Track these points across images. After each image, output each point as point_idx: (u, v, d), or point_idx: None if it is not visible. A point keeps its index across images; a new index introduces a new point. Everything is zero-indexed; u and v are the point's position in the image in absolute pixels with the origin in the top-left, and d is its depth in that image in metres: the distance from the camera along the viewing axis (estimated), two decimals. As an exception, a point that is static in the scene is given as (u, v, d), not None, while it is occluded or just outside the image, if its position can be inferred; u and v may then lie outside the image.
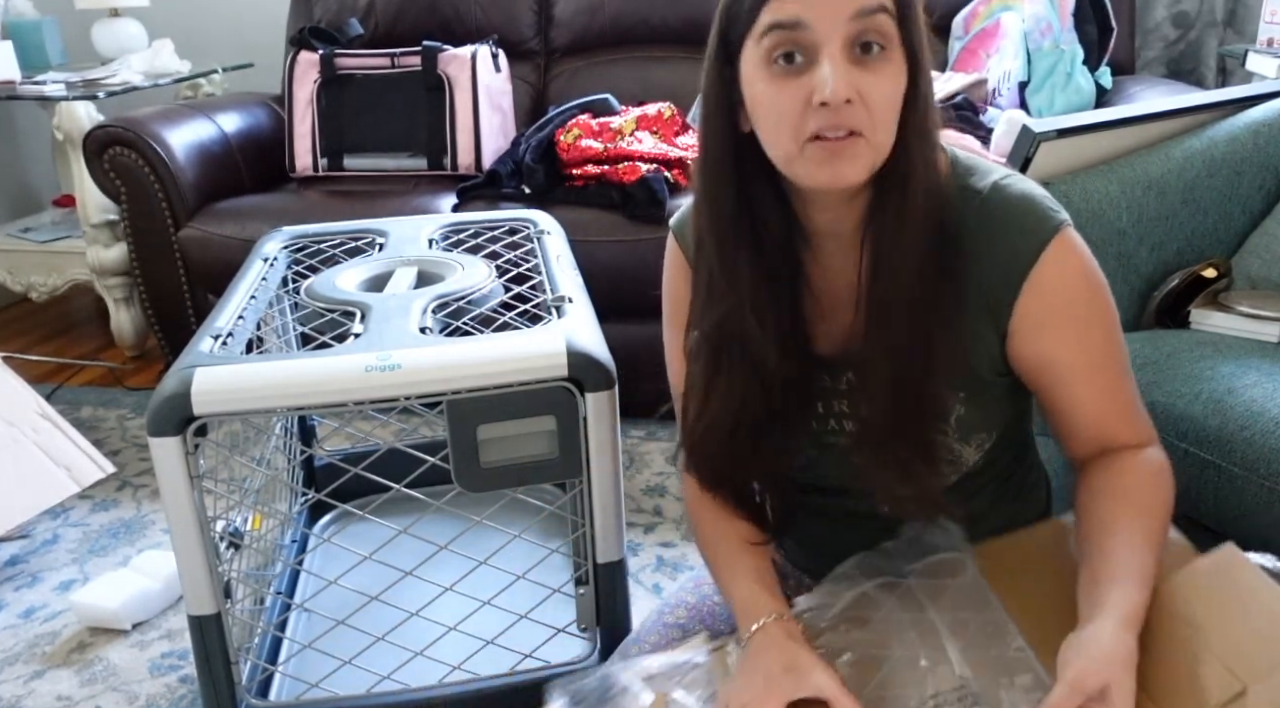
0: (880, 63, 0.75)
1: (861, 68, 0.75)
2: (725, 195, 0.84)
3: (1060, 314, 0.83)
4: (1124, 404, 0.87)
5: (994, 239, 0.82)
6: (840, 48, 0.74)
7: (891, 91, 0.76)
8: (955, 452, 0.88)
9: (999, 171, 0.85)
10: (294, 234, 1.59)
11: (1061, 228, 0.82)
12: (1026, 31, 2.17)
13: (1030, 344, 0.84)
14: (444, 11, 2.68)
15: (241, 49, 3.12)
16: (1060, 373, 0.85)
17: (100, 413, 2.41)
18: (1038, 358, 0.85)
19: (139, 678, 1.52)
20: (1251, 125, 1.42)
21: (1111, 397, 0.86)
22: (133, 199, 2.34)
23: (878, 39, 0.74)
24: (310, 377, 1.05)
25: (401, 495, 1.17)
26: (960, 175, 0.85)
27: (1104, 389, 0.86)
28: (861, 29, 0.74)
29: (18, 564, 1.83)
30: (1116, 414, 0.86)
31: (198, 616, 1.12)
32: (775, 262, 0.85)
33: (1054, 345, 0.84)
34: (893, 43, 0.75)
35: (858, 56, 0.75)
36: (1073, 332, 0.84)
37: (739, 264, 0.85)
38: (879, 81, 0.75)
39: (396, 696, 1.18)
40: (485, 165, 2.41)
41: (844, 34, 0.74)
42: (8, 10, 3.01)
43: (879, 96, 0.75)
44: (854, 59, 0.74)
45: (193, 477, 1.06)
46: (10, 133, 3.31)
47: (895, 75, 0.76)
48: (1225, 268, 1.39)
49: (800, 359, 0.87)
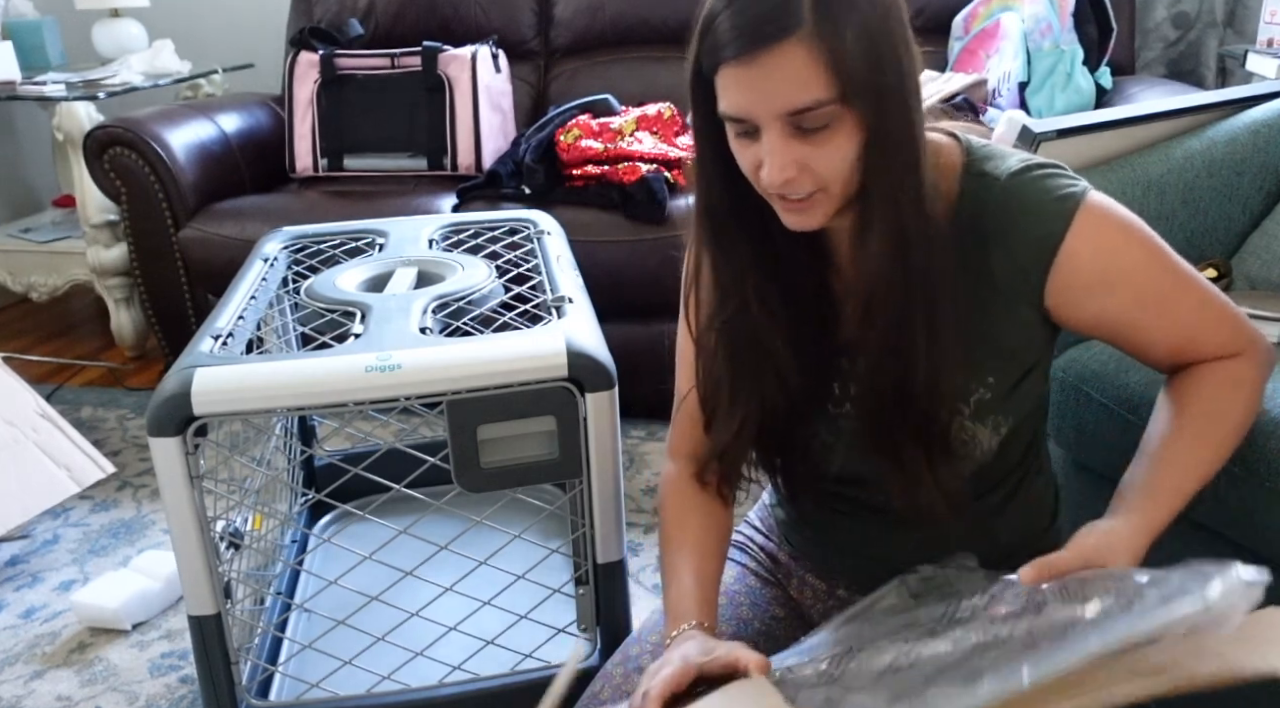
0: (823, 136, 0.76)
1: (806, 141, 0.76)
2: (723, 192, 0.85)
3: (1104, 280, 0.84)
4: (1196, 327, 0.87)
5: (1018, 221, 0.83)
6: (778, 132, 0.76)
7: (836, 158, 0.77)
8: (969, 432, 0.88)
9: (1017, 155, 0.86)
10: (294, 234, 1.59)
11: (1084, 198, 0.83)
12: (1026, 32, 2.17)
13: (1079, 311, 0.85)
14: (444, 12, 2.68)
15: (242, 49, 3.12)
16: (1120, 325, 0.87)
17: (100, 413, 2.41)
18: (1094, 319, 0.86)
19: (139, 678, 1.52)
20: (1251, 126, 1.42)
21: (1182, 326, 0.87)
22: (133, 199, 2.34)
23: (815, 121, 0.75)
24: (310, 377, 1.05)
25: (401, 496, 1.17)
26: (977, 162, 0.86)
27: (1173, 323, 0.87)
28: (797, 119, 0.75)
29: (18, 564, 1.83)
30: (1189, 340, 0.88)
31: (198, 616, 1.12)
32: (782, 249, 0.86)
33: (1107, 305, 0.85)
34: (835, 117, 0.75)
35: (800, 132, 0.76)
36: (1124, 289, 0.84)
37: (741, 260, 0.86)
38: (822, 152, 0.77)
39: (397, 696, 1.18)
40: (485, 166, 2.41)
41: (780, 123, 0.76)
42: (8, 10, 3.01)
43: (823, 166, 0.77)
44: (797, 134, 0.76)
45: (193, 477, 1.06)
46: (10, 133, 3.31)
47: (841, 142, 0.76)
48: (1225, 268, 1.39)
49: (815, 345, 0.88)
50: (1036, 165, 0.85)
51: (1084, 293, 0.84)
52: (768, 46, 0.73)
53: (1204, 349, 0.88)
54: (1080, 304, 0.85)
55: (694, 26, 0.79)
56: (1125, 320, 0.86)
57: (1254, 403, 0.88)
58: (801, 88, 0.74)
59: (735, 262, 0.87)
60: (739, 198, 0.85)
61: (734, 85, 0.76)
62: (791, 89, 0.74)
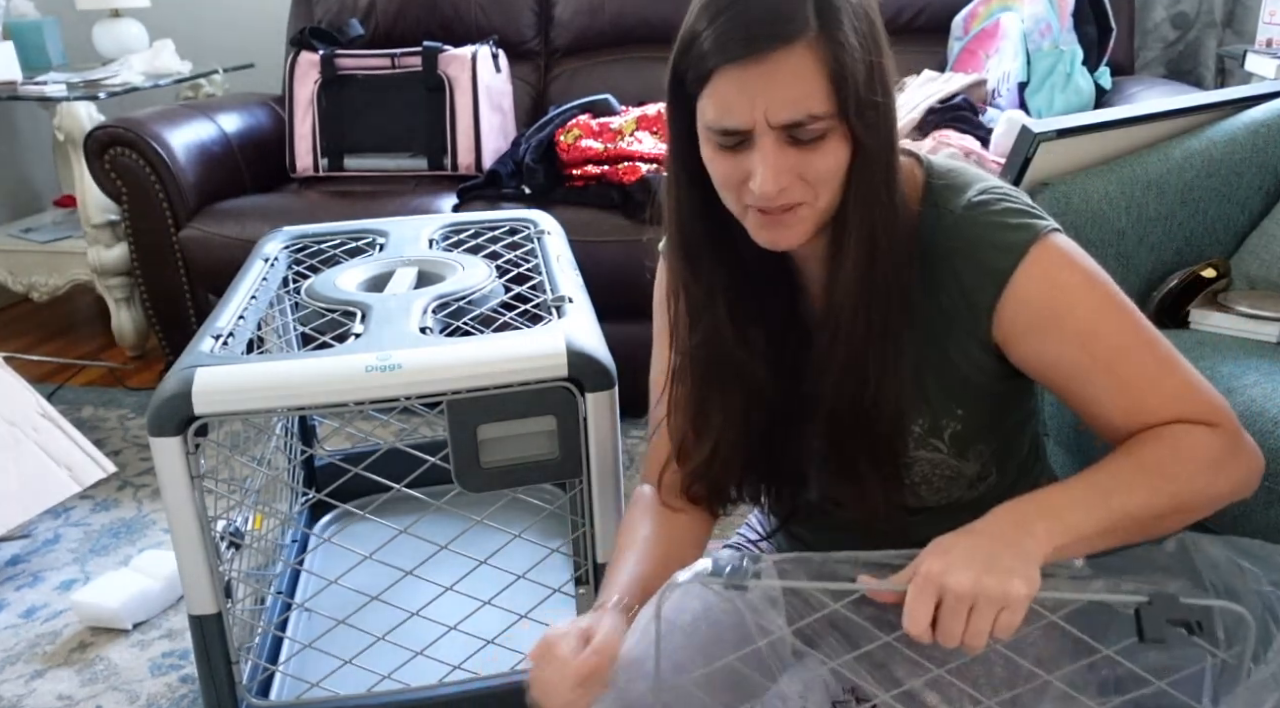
0: (817, 144, 0.76)
1: (797, 148, 0.76)
2: (695, 214, 0.85)
3: (1051, 319, 0.81)
4: (1152, 391, 0.80)
5: (969, 255, 0.81)
6: (773, 141, 0.75)
7: (830, 166, 0.77)
8: (954, 468, 0.88)
9: (979, 185, 0.83)
10: (294, 234, 1.59)
11: (1040, 236, 0.80)
12: (1026, 32, 2.17)
13: (1026, 350, 0.82)
14: (444, 12, 2.68)
15: (242, 49, 3.12)
16: (1067, 374, 0.82)
17: (101, 413, 2.41)
18: (1039, 362, 0.83)
19: (140, 678, 1.53)
20: (1250, 126, 1.43)
21: (1135, 387, 0.81)
22: (133, 199, 2.34)
23: (811, 133, 0.75)
24: (311, 377, 1.05)
25: (402, 495, 1.18)
26: (934, 193, 0.84)
27: (1124, 381, 0.81)
28: (794, 131, 0.75)
29: (19, 564, 1.83)
30: (1141, 403, 0.80)
31: (198, 615, 1.12)
32: (756, 271, 0.86)
33: (1053, 349, 0.81)
34: (830, 129, 0.75)
35: (793, 141, 0.76)
36: (1072, 333, 0.80)
37: (715, 282, 0.86)
38: (815, 159, 0.76)
39: (397, 695, 1.18)
40: (485, 166, 2.41)
41: (777, 132, 0.75)
42: (9, 11, 3.01)
43: (816, 173, 0.77)
44: (790, 142, 0.76)
45: (193, 476, 1.06)
46: (11, 133, 3.31)
47: (833, 152, 0.76)
48: (1224, 268, 1.39)
49: (788, 368, 0.88)
50: (997, 198, 0.82)
51: (1030, 332, 0.81)
52: (774, 48, 0.72)
53: (1161, 417, 0.80)
54: (1026, 343, 0.82)
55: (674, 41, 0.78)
56: (1072, 369, 0.81)
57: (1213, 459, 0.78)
58: (805, 97, 0.73)
59: (707, 284, 0.86)
60: (712, 220, 0.84)
61: (732, 91, 0.74)
62: (795, 97, 0.73)
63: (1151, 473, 0.77)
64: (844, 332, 0.81)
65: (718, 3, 0.75)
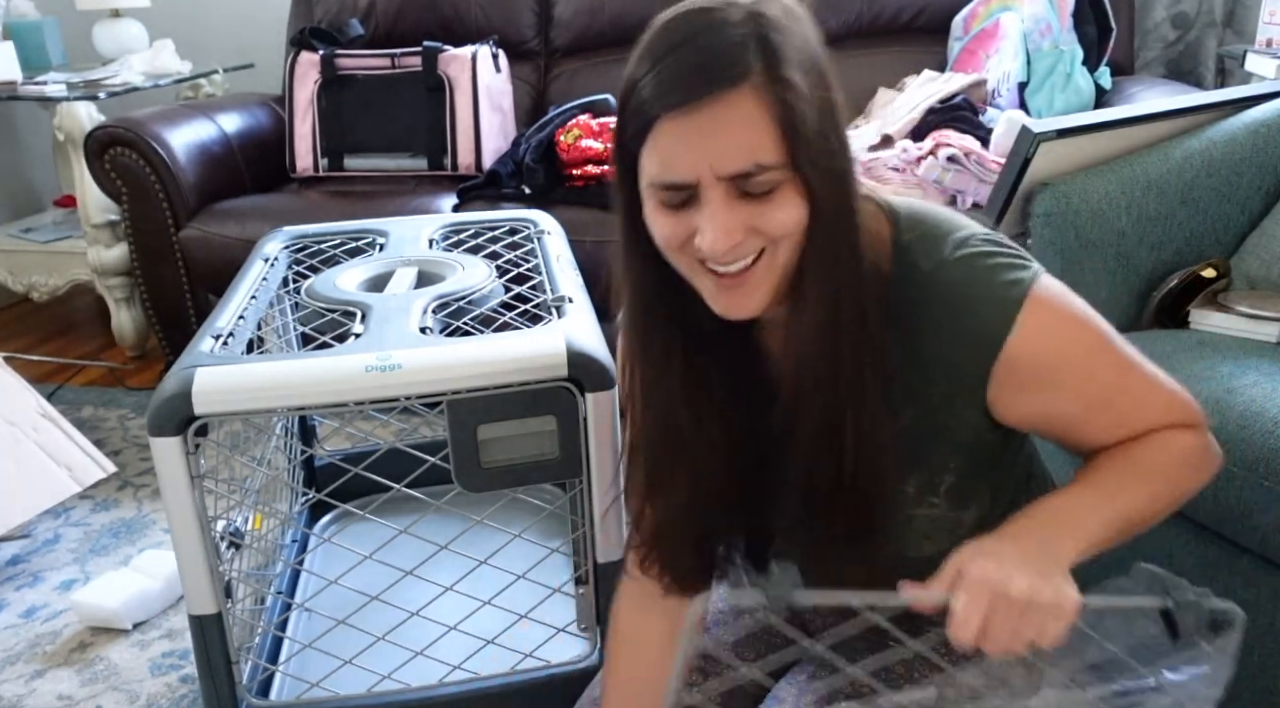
0: (769, 196, 0.70)
1: (748, 201, 0.70)
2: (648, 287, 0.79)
3: (1049, 376, 0.78)
4: (1140, 417, 0.81)
5: (955, 317, 0.76)
6: (722, 195, 0.70)
7: (786, 219, 0.70)
8: (953, 520, 0.84)
9: (955, 234, 0.78)
10: (294, 234, 1.59)
11: (1029, 290, 0.75)
12: (1026, 32, 2.17)
13: (1020, 407, 0.79)
14: (444, 12, 2.68)
15: (242, 49, 3.12)
16: (1064, 422, 0.81)
17: (101, 413, 2.41)
18: (1034, 416, 0.80)
19: (140, 678, 1.53)
20: (1250, 126, 1.43)
21: (1126, 419, 0.81)
22: (134, 199, 2.34)
23: (761, 186, 0.69)
24: (311, 377, 1.05)
25: (402, 495, 1.18)
26: (906, 250, 0.78)
27: (1117, 417, 0.80)
28: (743, 183, 0.69)
29: (19, 564, 1.83)
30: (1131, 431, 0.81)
31: (198, 615, 1.12)
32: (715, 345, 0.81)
33: (1049, 402, 0.79)
34: (781, 182, 0.69)
35: (743, 194, 0.70)
36: (1069, 386, 0.79)
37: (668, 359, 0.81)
38: (769, 211, 0.70)
39: (397, 695, 1.18)
40: (485, 166, 2.41)
41: (725, 185, 0.70)
42: (9, 11, 3.01)
43: (771, 227, 0.71)
44: (740, 195, 0.70)
45: (193, 476, 1.06)
46: (11, 133, 3.31)
47: (789, 204, 0.70)
48: (1224, 268, 1.39)
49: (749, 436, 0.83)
50: (977, 252, 0.76)
51: (1024, 390, 0.78)
52: (715, 94, 0.67)
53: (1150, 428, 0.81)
54: (1020, 402, 0.79)
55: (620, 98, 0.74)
56: (1068, 418, 0.80)
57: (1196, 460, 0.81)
58: (751, 146, 0.68)
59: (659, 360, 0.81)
60: (666, 291, 0.78)
61: (674, 142, 0.69)
62: (741, 146, 0.68)
63: (1153, 478, 0.78)
64: (810, 402, 0.76)
65: (656, 49, 0.71)
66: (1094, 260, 1.37)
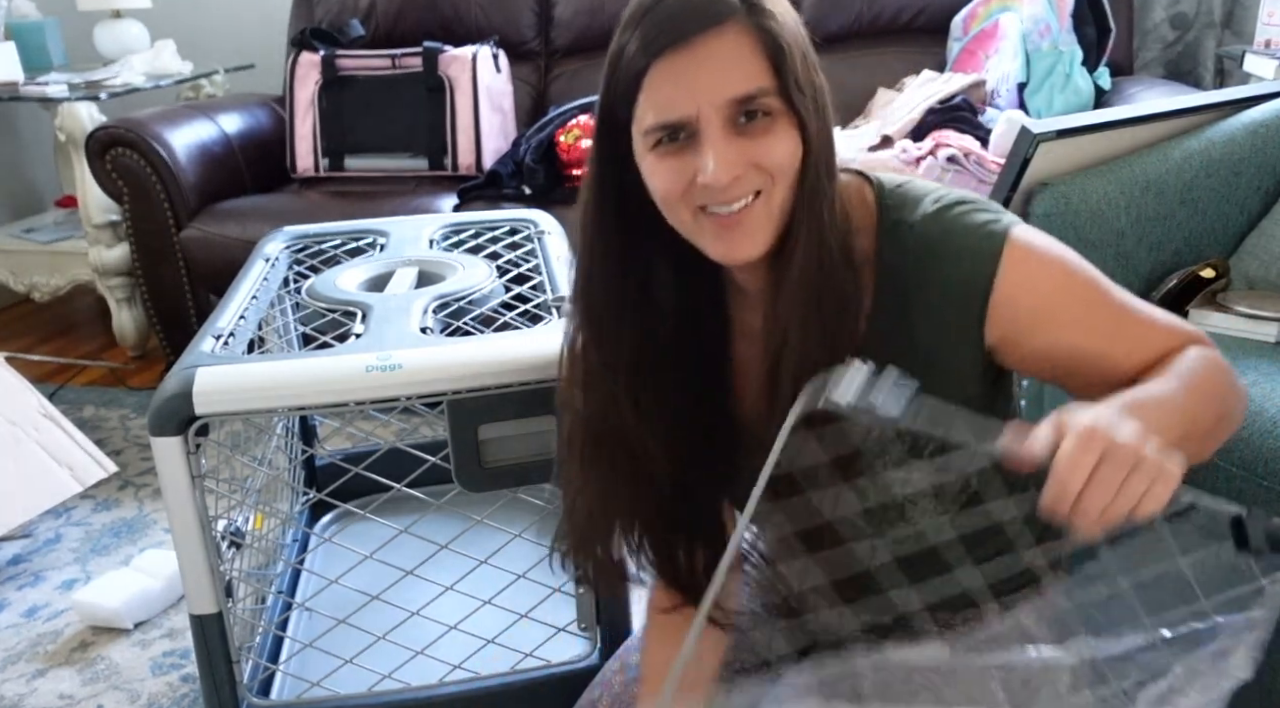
0: (766, 126, 0.73)
1: (747, 136, 0.73)
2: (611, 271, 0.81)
3: (1046, 311, 0.78)
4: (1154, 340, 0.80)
5: (940, 266, 0.78)
6: (721, 127, 0.72)
7: (784, 151, 0.74)
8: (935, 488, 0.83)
9: (930, 196, 0.80)
10: (295, 234, 1.59)
11: (1008, 233, 0.77)
12: (1025, 33, 2.17)
13: (1031, 347, 0.79)
14: (444, 12, 2.69)
15: (243, 50, 3.12)
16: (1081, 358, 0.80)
17: (102, 413, 2.41)
18: (1046, 357, 0.80)
19: (141, 677, 1.53)
20: (1249, 126, 1.43)
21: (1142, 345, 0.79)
22: (135, 200, 2.35)
23: (760, 108, 0.73)
24: (311, 377, 1.06)
25: (402, 495, 1.18)
26: (889, 213, 0.80)
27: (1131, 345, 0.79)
28: (739, 109, 0.73)
29: (20, 563, 1.84)
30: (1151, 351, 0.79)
31: (199, 615, 1.12)
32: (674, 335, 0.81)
33: (1058, 339, 0.79)
34: (777, 110, 0.73)
35: (742, 126, 0.73)
36: (1070, 318, 0.78)
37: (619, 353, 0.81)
38: (768, 143, 0.73)
39: (397, 694, 1.18)
40: (486, 166, 2.42)
41: (723, 116, 0.72)
42: (10, 11, 3.01)
43: (770, 159, 0.73)
44: (738, 130, 0.73)
45: (194, 476, 1.07)
46: (12, 134, 3.32)
47: (785, 136, 0.74)
48: (1223, 268, 1.40)
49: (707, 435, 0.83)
50: (952, 203, 0.79)
51: (1029, 333, 0.78)
52: (705, 30, 0.71)
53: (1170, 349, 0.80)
54: (1026, 343, 0.79)
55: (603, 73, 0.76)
56: (1080, 352, 0.80)
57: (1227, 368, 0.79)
58: (745, 72, 0.72)
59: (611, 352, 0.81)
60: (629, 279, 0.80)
61: (669, 82, 0.72)
62: (735, 72, 0.71)
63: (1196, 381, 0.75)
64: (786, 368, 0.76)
65: (635, 13, 0.74)
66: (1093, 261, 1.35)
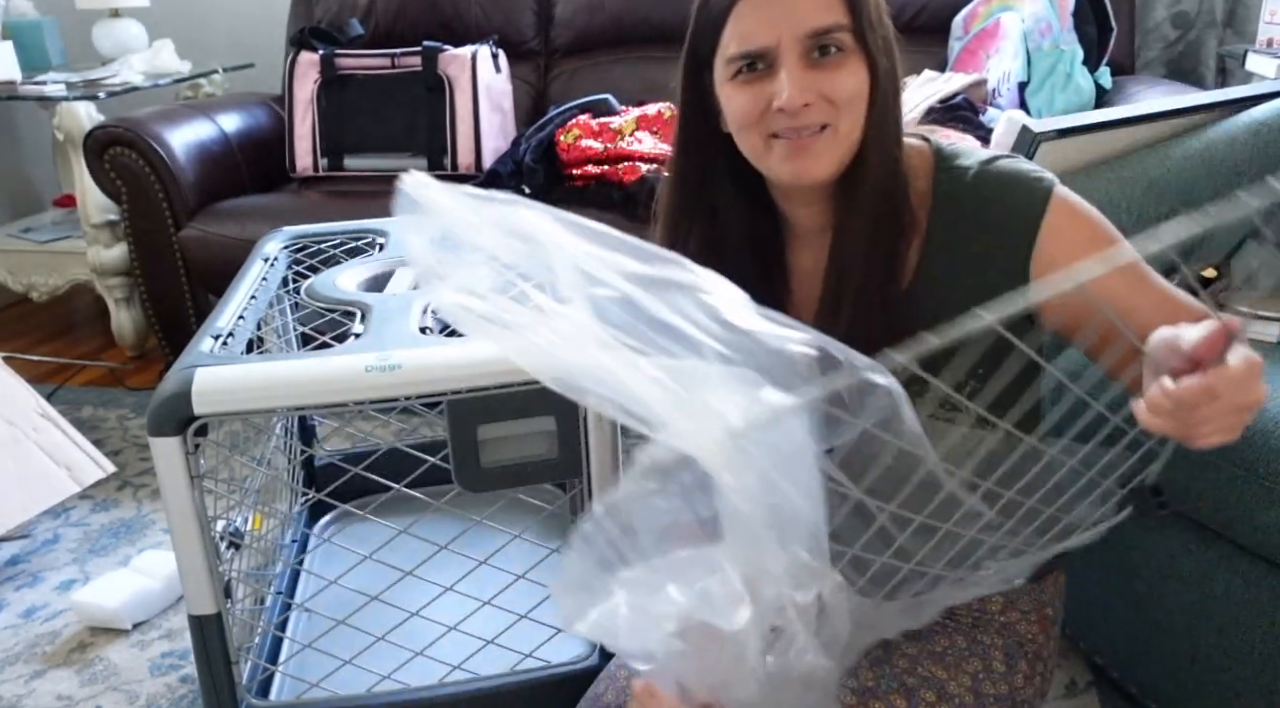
0: (838, 61, 0.81)
1: (820, 69, 0.81)
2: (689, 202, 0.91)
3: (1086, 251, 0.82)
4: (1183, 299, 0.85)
5: (991, 207, 0.85)
6: (797, 58, 0.80)
7: (853, 86, 0.81)
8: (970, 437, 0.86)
9: (984, 153, 0.89)
10: (294, 234, 1.59)
11: (1053, 187, 0.85)
12: (1026, 32, 2.17)
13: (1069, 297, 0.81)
14: (444, 11, 2.69)
15: (242, 49, 3.12)
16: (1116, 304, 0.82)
17: (101, 413, 2.41)
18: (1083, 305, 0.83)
19: (139, 678, 1.53)
20: (1251, 126, 1.42)
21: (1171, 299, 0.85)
22: (133, 199, 2.34)
23: (834, 43, 0.80)
24: (310, 377, 1.05)
25: (402, 495, 1.18)
26: (947, 158, 0.89)
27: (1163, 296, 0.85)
28: (816, 42, 0.80)
29: (18, 564, 1.83)
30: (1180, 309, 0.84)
31: (198, 615, 1.12)
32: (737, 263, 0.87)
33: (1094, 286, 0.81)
34: (849, 47, 0.81)
35: (815, 60, 0.81)
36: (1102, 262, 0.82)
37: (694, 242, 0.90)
38: (838, 77, 0.81)
39: (397, 695, 1.18)
40: (485, 165, 2.41)
41: (801, 47, 0.80)
42: (8, 10, 3.01)
43: (840, 92, 0.81)
44: (811, 63, 0.81)
45: (193, 476, 1.06)
46: (11, 133, 3.31)
47: (855, 72, 0.81)
48: (1224, 268, 1.39)
49: None
50: (1003, 156, 0.88)
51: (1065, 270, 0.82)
52: None
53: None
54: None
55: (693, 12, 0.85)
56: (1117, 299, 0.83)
57: None
58: (824, 7, 0.79)
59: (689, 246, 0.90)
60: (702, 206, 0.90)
61: (752, 15, 0.80)
62: (815, 7, 0.79)
63: None
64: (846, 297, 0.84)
65: None
66: (1094, 260, 1.36)
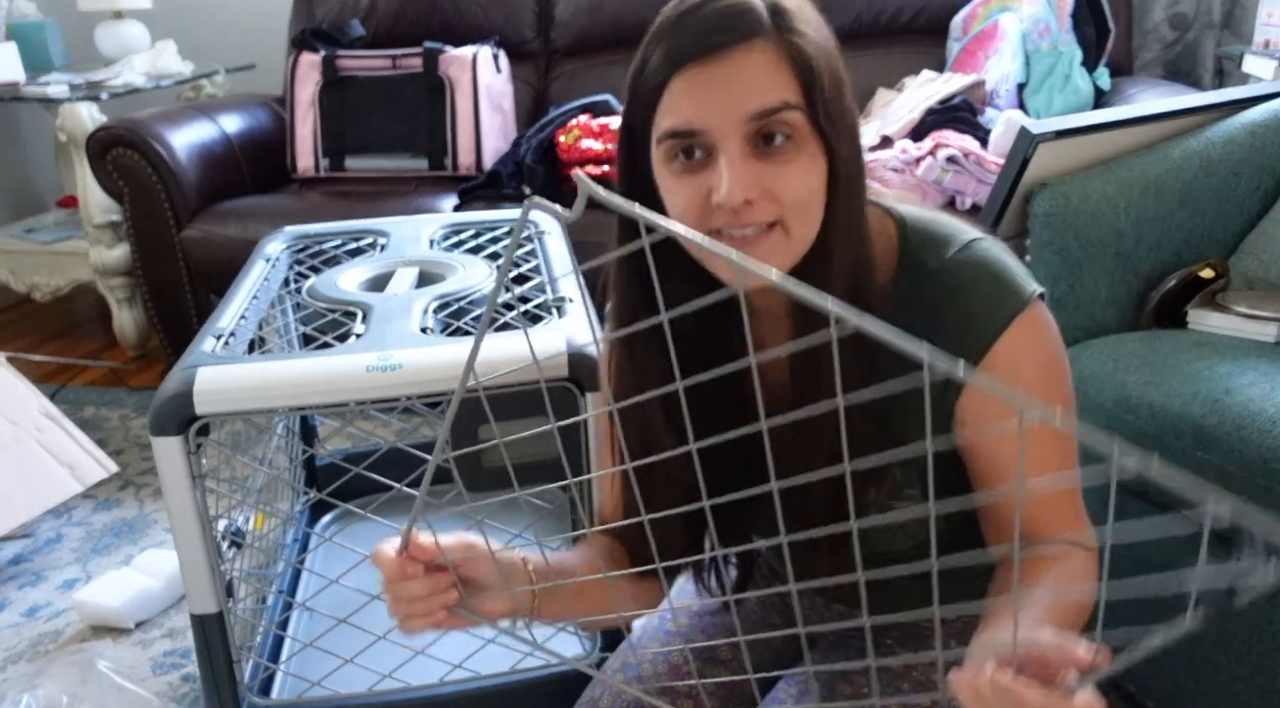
0: (788, 153, 0.69)
1: (766, 160, 0.69)
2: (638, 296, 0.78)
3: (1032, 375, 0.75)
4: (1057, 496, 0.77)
5: (953, 309, 0.74)
6: (738, 146, 0.68)
7: (803, 186, 0.69)
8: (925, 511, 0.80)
9: (961, 238, 0.76)
10: (296, 234, 1.59)
11: (1033, 300, 0.74)
12: (1025, 33, 2.18)
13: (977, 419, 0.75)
14: (444, 12, 2.69)
15: (243, 50, 3.12)
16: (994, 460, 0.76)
17: (103, 413, 2.41)
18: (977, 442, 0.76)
19: (141, 677, 1.53)
20: (1248, 126, 1.43)
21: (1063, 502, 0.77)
22: (135, 200, 2.35)
23: (781, 130, 0.68)
24: (312, 376, 1.06)
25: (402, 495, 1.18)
26: (914, 249, 0.77)
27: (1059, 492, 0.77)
28: (761, 126, 0.68)
29: (21, 563, 1.84)
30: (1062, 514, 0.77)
31: (200, 614, 1.12)
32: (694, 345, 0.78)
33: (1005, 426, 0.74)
34: (802, 132, 0.69)
35: (761, 150, 0.69)
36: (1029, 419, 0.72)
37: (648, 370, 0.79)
38: (787, 173, 0.69)
39: (397, 694, 1.18)
40: (486, 166, 2.42)
41: (742, 133, 0.68)
42: (11, 12, 3.02)
43: (789, 193, 0.69)
44: (757, 153, 0.69)
45: (195, 476, 1.07)
46: (13, 134, 3.32)
47: (807, 167, 0.69)
48: (1222, 268, 1.40)
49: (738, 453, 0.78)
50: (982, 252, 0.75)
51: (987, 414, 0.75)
52: (732, 45, 0.67)
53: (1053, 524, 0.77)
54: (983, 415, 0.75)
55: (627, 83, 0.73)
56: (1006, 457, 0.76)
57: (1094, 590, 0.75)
58: (768, 86, 0.67)
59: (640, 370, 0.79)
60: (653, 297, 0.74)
61: (689, 92, 0.68)
62: (757, 87, 0.67)
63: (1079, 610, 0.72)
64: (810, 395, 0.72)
65: (662, 26, 0.71)
66: (1093, 261, 1.37)
